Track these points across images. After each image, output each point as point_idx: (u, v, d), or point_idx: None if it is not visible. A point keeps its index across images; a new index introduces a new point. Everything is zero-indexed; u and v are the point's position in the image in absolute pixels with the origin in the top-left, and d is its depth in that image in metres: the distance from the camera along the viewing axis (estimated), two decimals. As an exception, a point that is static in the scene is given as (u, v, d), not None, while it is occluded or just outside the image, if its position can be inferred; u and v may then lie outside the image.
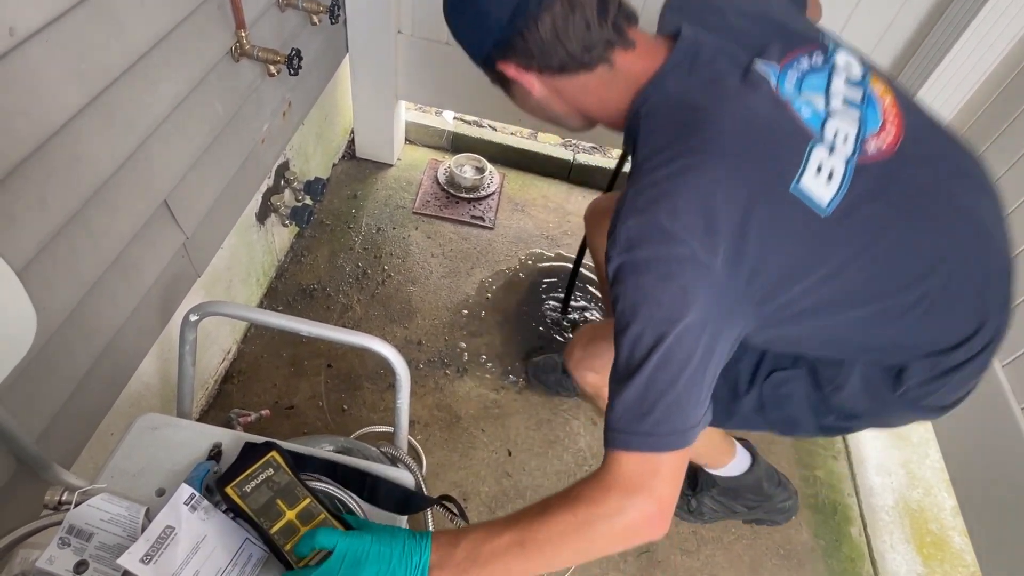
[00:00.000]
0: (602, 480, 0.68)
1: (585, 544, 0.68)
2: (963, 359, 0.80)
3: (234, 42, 1.13)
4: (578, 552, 0.70)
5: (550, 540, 0.68)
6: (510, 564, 0.69)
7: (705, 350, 0.66)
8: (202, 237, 1.17)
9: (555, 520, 0.68)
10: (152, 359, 1.16)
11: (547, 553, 0.69)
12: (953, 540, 1.56)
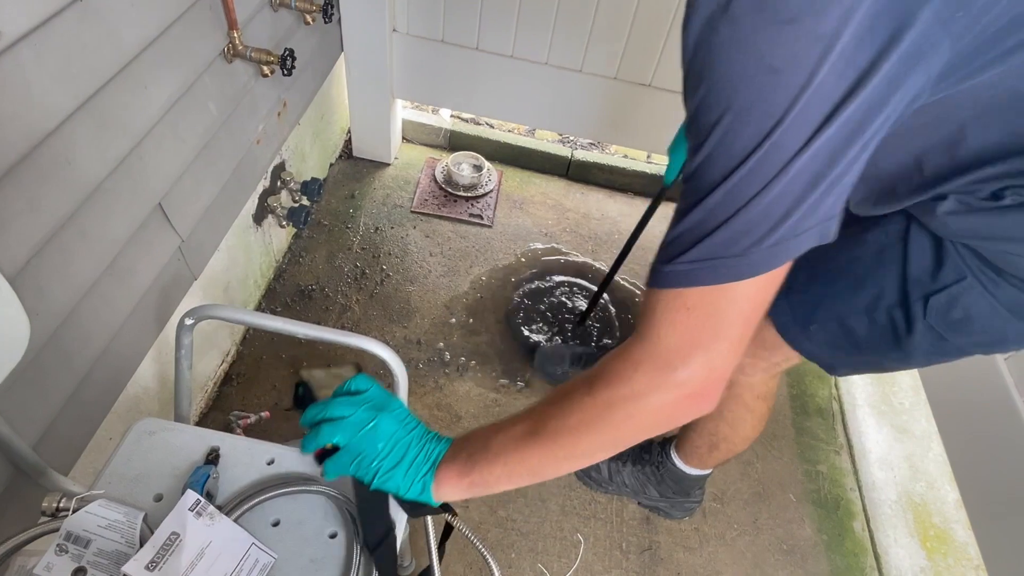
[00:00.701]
0: (628, 348, 0.56)
1: (608, 433, 0.58)
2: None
3: (227, 43, 1.12)
4: (601, 442, 0.60)
5: (567, 428, 0.59)
6: (523, 455, 0.61)
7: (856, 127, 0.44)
8: (198, 240, 1.17)
9: (573, 405, 0.59)
10: (150, 363, 1.16)
11: (563, 443, 0.60)
12: (957, 533, 1.56)
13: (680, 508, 1.41)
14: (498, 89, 1.89)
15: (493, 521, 1.38)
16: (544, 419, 0.60)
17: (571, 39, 1.73)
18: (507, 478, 0.65)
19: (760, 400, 1.08)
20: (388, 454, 0.68)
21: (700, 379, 0.55)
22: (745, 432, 1.13)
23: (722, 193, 0.48)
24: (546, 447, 0.60)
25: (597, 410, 0.57)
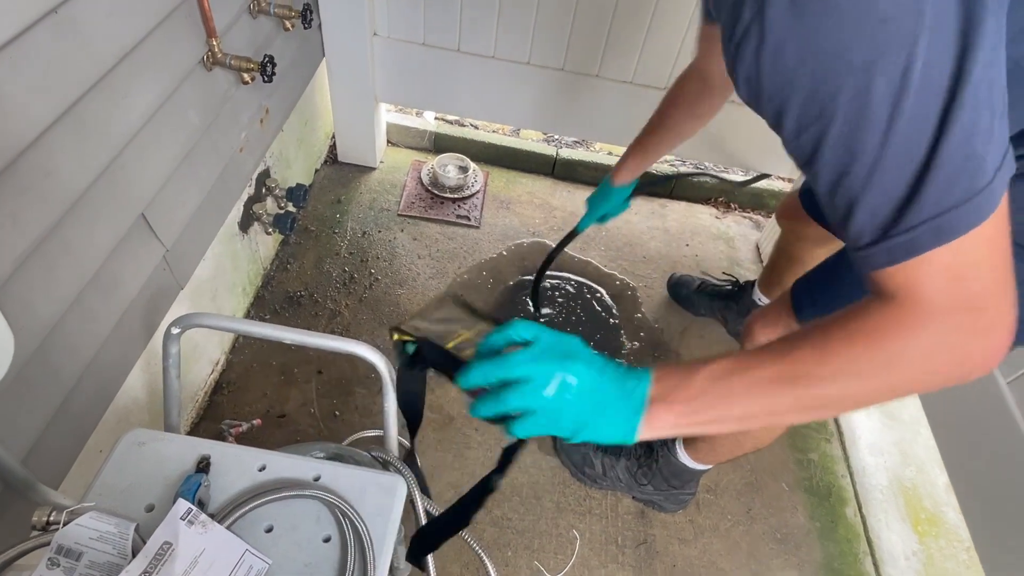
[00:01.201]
0: (903, 306, 0.50)
1: (892, 381, 0.52)
2: None
3: (206, 51, 1.12)
4: (879, 390, 0.53)
5: (841, 374, 0.52)
6: (773, 401, 0.55)
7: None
8: (183, 249, 1.16)
9: (845, 355, 0.52)
10: (139, 373, 1.15)
11: (831, 391, 0.53)
12: (947, 516, 1.58)
13: (674, 501, 1.42)
14: (481, 90, 1.89)
15: (488, 520, 1.38)
16: (806, 367, 0.53)
17: (552, 38, 1.74)
18: (735, 421, 0.59)
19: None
20: (588, 407, 0.59)
21: (998, 328, 0.49)
22: (775, 431, 1.14)
23: (892, 152, 0.45)
24: (807, 392, 0.54)
25: (884, 362, 0.51)
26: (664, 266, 2.00)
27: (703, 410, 0.57)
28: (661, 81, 1.79)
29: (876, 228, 0.48)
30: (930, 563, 1.48)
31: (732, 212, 2.27)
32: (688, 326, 1.85)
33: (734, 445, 1.17)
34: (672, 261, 2.03)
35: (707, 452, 1.25)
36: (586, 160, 2.22)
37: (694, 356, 1.77)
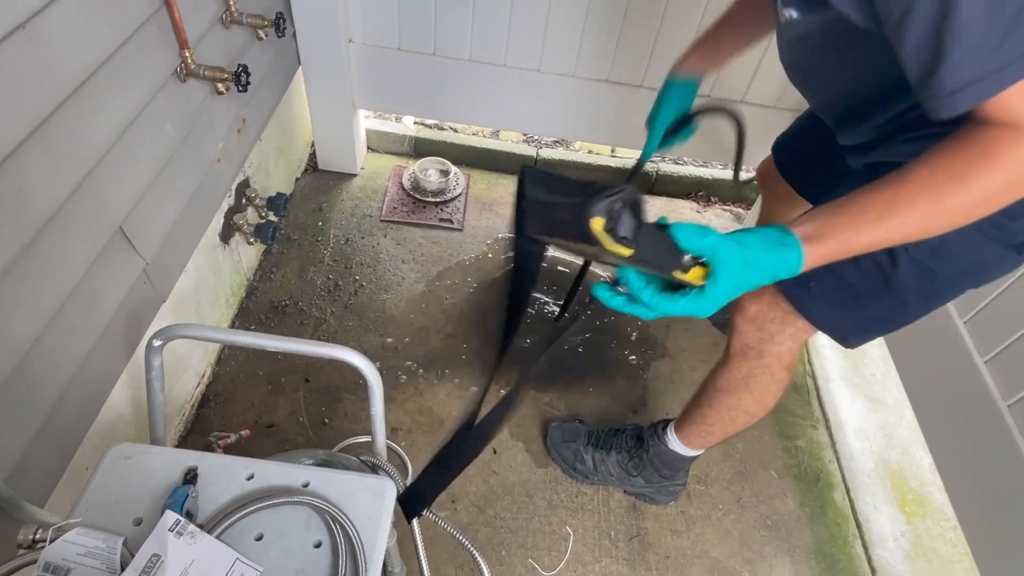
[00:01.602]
0: (968, 128, 0.60)
1: (968, 209, 0.62)
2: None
3: (179, 62, 1.12)
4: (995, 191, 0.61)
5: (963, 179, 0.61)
6: (912, 210, 0.63)
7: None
8: (163, 261, 1.16)
9: (964, 164, 0.60)
10: (123, 388, 1.14)
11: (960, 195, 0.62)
12: (933, 496, 1.60)
13: (665, 492, 1.43)
14: (459, 93, 1.90)
15: (482, 520, 1.39)
16: (923, 179, 0.62)
17: (528, 40, 1.75)
18: (884, 232, 0.66)
19: (786, 370, 1.09)
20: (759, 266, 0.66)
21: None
22: (767, 402, 1.14)
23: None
24: (934, 201, 0.62)
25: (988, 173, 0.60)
26: (647, 261, 2.02)
27: (844, 246, 0.66)
28: (636, 79, 1.81)
29: (980, 61, 0.54)
30: (918, 543, 1.51)
31: (713, 206, 2.29)
32: (673, 319, 1.86)
33: (727, 421, 1.18)
34: (655, 256, 2.04)
35: (699, 436, 1.26)
36: (566, 159, 2.23)
37: (680, 349, 1.79)
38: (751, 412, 1.15)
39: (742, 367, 1.09)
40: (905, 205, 0.63)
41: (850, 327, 0.97)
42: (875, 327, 0.98)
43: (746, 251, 0.65)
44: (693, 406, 1.24)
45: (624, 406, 1.64)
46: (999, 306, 1.27)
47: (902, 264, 0.83)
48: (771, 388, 1.10)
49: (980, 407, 1.26)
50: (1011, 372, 1.22)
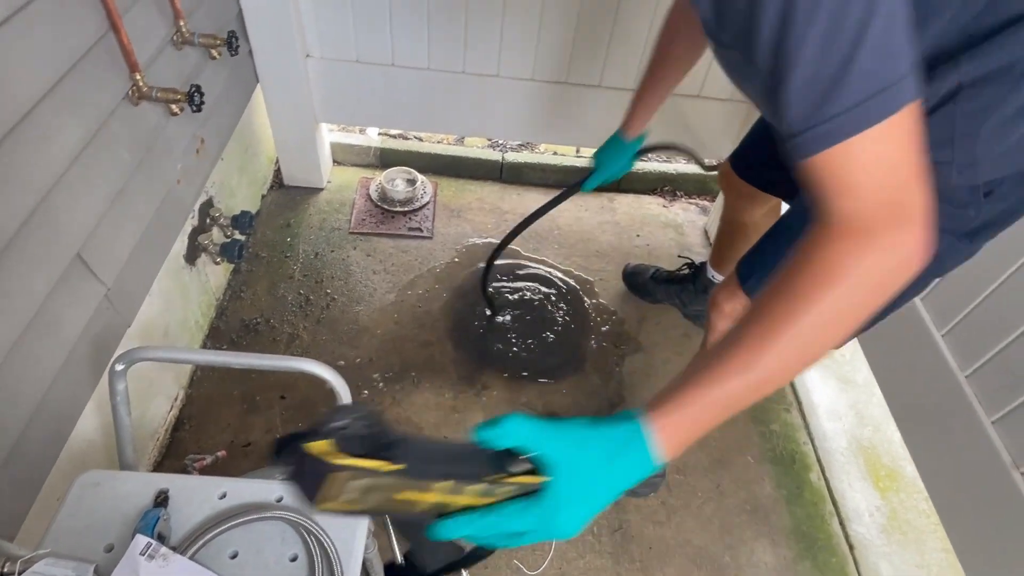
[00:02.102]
0: (820, 239, 0.52)
1: (829, 331, 0.53)
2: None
3: (130, 85, 1.11)
4: (831, 335, 0.53)
5: (807, 314, 0.52)
6: (762, 363, 0.52)
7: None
8: (126, 286, 1.15)
9: (803, 297, 0.52)
10: (91, 416, 1.13)
11: (806, 335, 0.52)
12: (906, 470, 1.64)
13: (647, 484, 1.44)
14: (421, 102, 1.91)
15: (465, 525, 1.39)
16: (757, 357, 0.53)
17: (484, 46, 1.77)
18: (745, 394, 0.55)
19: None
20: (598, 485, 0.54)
21: (920, 222, 0.51)
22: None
23: (825, 37, 0.46)
24: (782, 349, 0.53)
25: (821, 310, 0.52)
26: (617, 258, 2.04)
27: (709, 409, 0.54)
28: (594, 79, 1.84)
29: (807, 113, 0.49)
30: (893, 516, 1.55)
31: (679, 200, 2.33)
32: (646, 314, 1.89)
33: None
34: (624, 253, 2.07)
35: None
36: (532, 162, 2.25)
37: (654, 342, 1.81)
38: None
39: None
40: (770, 341, 0.53)
41: None
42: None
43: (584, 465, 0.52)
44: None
45: (602, 402, 1.66)
46: (952, 281, 1.31)
47: None
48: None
49: (940, 380, 1.30)
50: (967, 344, 1.26)
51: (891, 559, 1.47)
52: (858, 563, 1.45)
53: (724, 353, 0.54)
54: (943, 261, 0.83)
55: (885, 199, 0.50)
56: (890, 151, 0.49)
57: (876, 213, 0.50)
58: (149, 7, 1.20)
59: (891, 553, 1.48)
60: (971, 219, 0.76)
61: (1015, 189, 0.73)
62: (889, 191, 0.50)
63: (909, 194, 0.50)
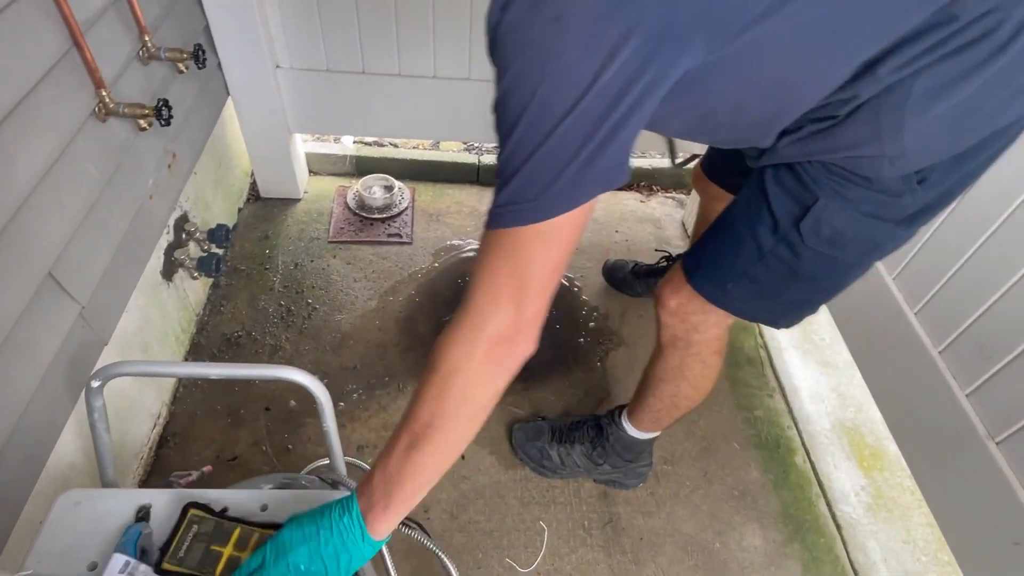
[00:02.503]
0: (452, 323, 0.66)
1: (458, 420, 0.67)
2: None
3: (96, 102, 1.11)
4: (462, 419, 0.68)
5: (430, 427, 0.67)
6: (419, 465, 0.68)
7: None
8: (101, 304, 1.14)
9: (423, 404, 0.67)
10: (72, 437, 1.12)
11: (437, 441, 0.67)
12: (889, 449, 1.67)
13: (633, 475, 1.46)
14: (393, 108, 1.91)
15: (455, 527, 1.40)
16: (411, 424, 0.67)
17: (453, 50, 1.78)
18: (425, 485, 0.72)
19: (715, 355, 1.14)
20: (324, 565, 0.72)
21: (510, 326, 0.63)
22: (704, 386, 1.19)
23: (511, 145, 0.57)
24: (429, 447, 0.68)
25: (441, 403, 0.66)
26: (597, 255, 2.06)
27: (396, 499, 0.70)
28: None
29: (494, 196, 0.61)
30: (878, 495, 1.57)
31: (656, 194, 2.35)
32: (627, 308, 1.91)
33: (670, 407, 1.23)
34: (604, 249, 2.09)
35: (650, 422, 1.29)
36: (508, 163, 2.26)
37: (637, 336, 1.83)
38: (691, 396, 1.20)
39: (674, 357, 1.14)
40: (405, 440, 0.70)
41: (775, 314, 1.01)
42: (797, 310, 1.01)
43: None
44: (638, 394, 1.29)
45: (588, 398, 1.67)
46: (922, 258, 1.34)
47: (805, 257, 0.87)
48: (704, 373, 1.15)
49: (915, 357, 1.33)
50: (938, 321, 1.29)
51: (878, 537, 1.49)
52: (846, 543, 1.47)
53: (393, 454, 0.70)
54: (883, 246, 0.86)
55: (502, 300, 0.62)
56: (530, 249, 0.60)
57: (490, 310, 0.63)
58: (113, 23, 1.19)
59: (878, 531, 1.50)
60: (907, 206, 0.79)
61: (947, 174, 0.76)
62: (517, 285, 0.62)
63: (533, 298, 0.62)
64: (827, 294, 0.97)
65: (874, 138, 0.67)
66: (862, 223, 0.81)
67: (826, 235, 0.83)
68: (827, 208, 0.80)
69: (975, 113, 0.68)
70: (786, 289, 0.95)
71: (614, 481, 1.47)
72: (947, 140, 0.71)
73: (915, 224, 0.83)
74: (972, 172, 0.79)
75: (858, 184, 0.77)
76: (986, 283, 1.17)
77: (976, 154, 0.75)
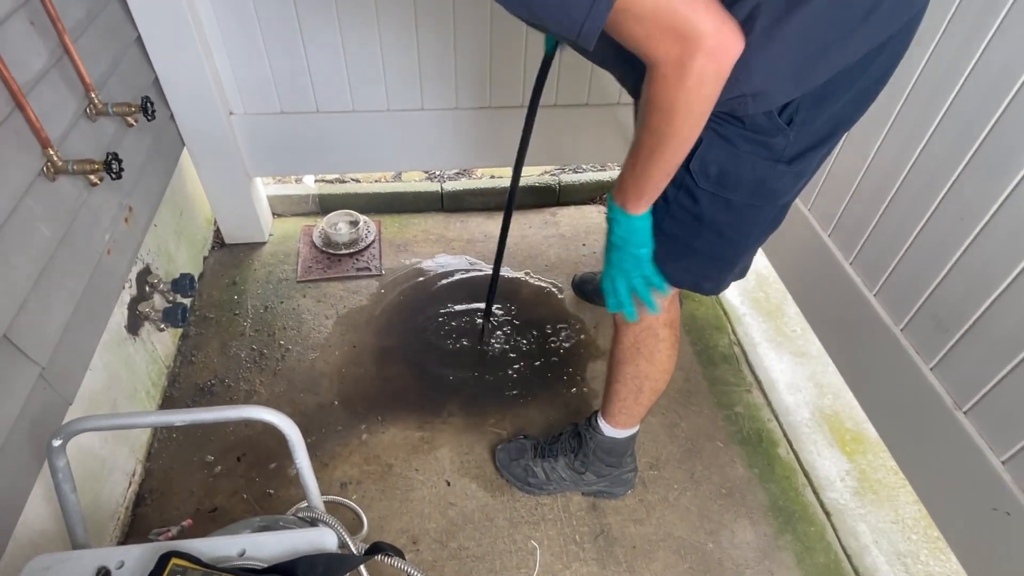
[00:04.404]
0: (649, 84, 0.73)
1: (688, 119, 0.74)
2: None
3: (44, 162, 1.10)
4: (690, 126, 0.76)
5: (663, 129, 0.76)
6: (663, 166, 0.82)
7: None
8: (62, 364, 1.12)
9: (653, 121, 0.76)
10: (40, 503, 1.09)
11: (673, 142, 0.78)
12: (868, 432, 1.69)
13: (619, 483, 1.45)
14: (351, 144, 1.93)
15: (446, 555, 1.38)
16: (645, 141, 0.79)
17: (404, 82, 1.81)
18: (667, 178, 0.85)
19: (666, 327, 1.17)
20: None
21: (713, 34, 0.67)
22: (662, 363, 1.21)
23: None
24: (667, 157, 0.80)
25: (671, 116, 0.74)
26: (567, 269, 2.08)
27: (638, 183, 0.86)
28: (516, 100, 1.89)
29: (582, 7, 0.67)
30: (863, 478, 1.58)
31: (619, 205, 2.39)
32: (601, 319, 1.92)
33: (635, 391, 1.25)
34: (573, 263, 2.11)
35: (621, 414, 1.30)
36: (471, 187, 2.29)
37: (611, 345, 1.83)
38: (651, 376, 1.22)
39: (628, 335, 1.18)
40: (643, 147, 0.81)
41: (696, 274, 1.06)
42: (714, 267, 1.06)
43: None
44: (606, 387, 1.31)
45: (569, 411, 1.67)
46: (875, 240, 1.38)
47: (703, 200, 0.93)
48: (660, 347, 1.18)
49: (879, 337, 1.35)
50: (896, 299, 1.32)
51: (867, 520, 1.50)
52: (836, 529, 1.47)
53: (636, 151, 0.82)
54: (771, 183, 0.91)
55: (671, 35, 0.67)
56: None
57: (670, 49, 0.68)
58: (57, 82, 1.20)
59: (866, 514, 1.51)
60: (783, 146, 0.85)
61: (813, 113, 0.82)
62: (669, 31, 0.66)
63: (687, 25, 0.66)
64: (736, 246, 1.02)
65: (733, 78, 0.72)
66: (744, 160, 0.88)
67: (713, 174, 0.90)
68: (710, 148, 0.87)
69: (814, 44, 0.75)
70: (695, 240, 0.99)
71: (602, 492, 1.46)
72: (797, 73, 0.77)
73: (797, 163, 0.88)
74: (842, 114, 0.86)
75: (733, 125, 0.84)
76: (936, 258, 1.20)
77: (839, 93, 0.81)
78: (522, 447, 1.50)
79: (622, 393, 1.26)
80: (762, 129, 0.84)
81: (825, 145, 0.89)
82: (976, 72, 1.09)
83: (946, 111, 1.15)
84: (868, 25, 0.74)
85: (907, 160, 1.25)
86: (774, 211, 0.98)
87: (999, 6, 1.03)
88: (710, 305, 2.00)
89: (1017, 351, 1.04)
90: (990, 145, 1.08)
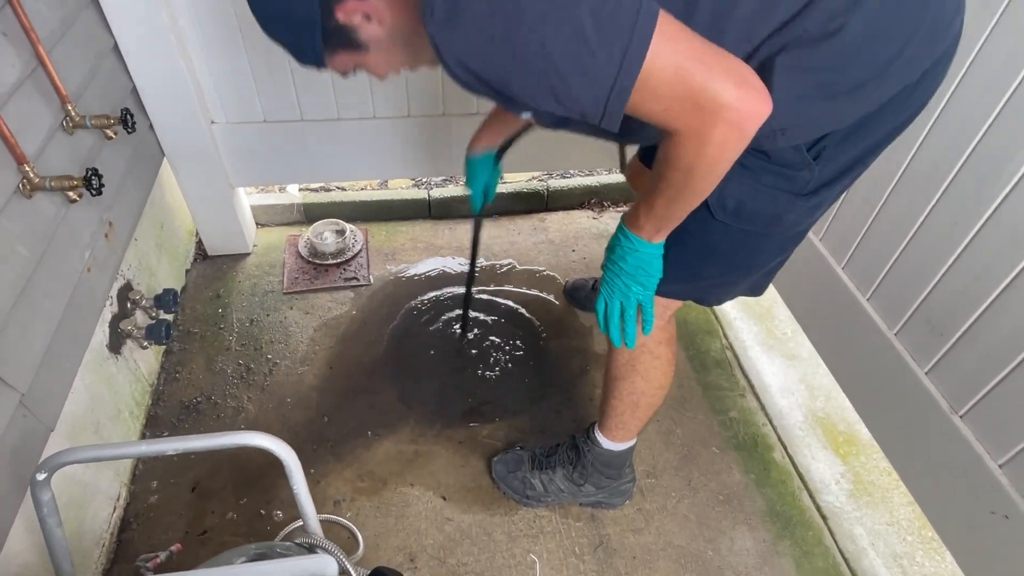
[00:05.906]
0: (669, 144, 0.72)
1: (714, 168, 0.72)
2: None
3: (20, 179, 1.06)
4: (715, 175, 0.74)
5: (687, 183, 0.75)
6: (683, 207, 0.80)
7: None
8: (43, 388, 1.08)
9: (675, 168, 0.74)
10: (22, 535, 1.05)
11: (697, 191, 0.77)
12: (861, 433, 1.70)
13: (617, 493, 1.44)
14: (336, 152, 1.90)
15: (445, 572, 1.35)
16: (670, 183, 0.77)
17: (391, 88, 1.78)
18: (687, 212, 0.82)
19: (662, 345, 1.16)
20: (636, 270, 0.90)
21: (734, 105, 0.65)
22: (657, 380, 1.20)
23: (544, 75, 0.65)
24: (689, 201, 0.79)
25: (693, 172, 0.73)
26: (558, 275, 2.07)
27: (665, 226, 0.85)
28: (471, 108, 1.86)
29: (602, 87, 0.65)
30: (857, 480, 1.59)
31: (607, 210, 2.38)
32: (593, 325, 1.91)
33: (631, 407, 1.24)
34: (563, 269, 2.10)
35: (618, 429, 1.29)
36: (458, 195, 2.26)
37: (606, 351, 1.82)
38: (647, 392, 1.21)
39: (623, 352, 1.17)
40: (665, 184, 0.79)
41: (701, 293, 1.07)
42: (720, 289, 1.07)
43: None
44: (602, 402, 1.30)
45: (566, 421, 1.66)
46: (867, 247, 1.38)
47: (716, 231, 0.93)
48: (655, 364, 1.17)
49: (873, 341, 1.36)
50: (891, 303, 1.32)
51: (863, 522, 1.51)
52: (833, 532, 1.48)
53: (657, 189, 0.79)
54: (787, 216, 0.91)
55: (689, 108, 0.66)
56: (665, 74, 0.64)
57: (690, 121, 0.67)
58: (31, 95, 1.15)
59: (862, 516, 1.52)
60: (807, 180, 0.85)
61: (842, 147, 0.82)
62: (687, 103, 0.66)
63: (705, 96, 0.65)
64: (743, 271, 1.03)
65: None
66: (764, 194, 0.87)
67: (731, 207, 0.89)
68: (729, 182, 0.84)
69: (833, 89, 0.74)
70: (703, 267, 1.00)
71: (600, 503, 1.45)
72: (821, 114, 0.77)
73: (816, 196, 0.88)
74: (864, 154, 0.85)
75: (758, 158, 0.83)
76: (929, 263, 1.21)
77: (872, 127, 0.81)
78: (519, 458, 1.48)
79: (619, 409, 1.25)
80: (788, 163, 0.83)
81: (847, 177, 0.88)
82: (968, 79, 1.10)
83: (938, 117, 1.16)
84: (902, 60, 0.74)
85: (899, 166, 1.26)
86: (785, 240, 0.98)
87: (989, 15, 1.04)
88: (701, 310, 2.00)
89: (1013, 355, 1.05)
90: (982, 151, 1.08)
